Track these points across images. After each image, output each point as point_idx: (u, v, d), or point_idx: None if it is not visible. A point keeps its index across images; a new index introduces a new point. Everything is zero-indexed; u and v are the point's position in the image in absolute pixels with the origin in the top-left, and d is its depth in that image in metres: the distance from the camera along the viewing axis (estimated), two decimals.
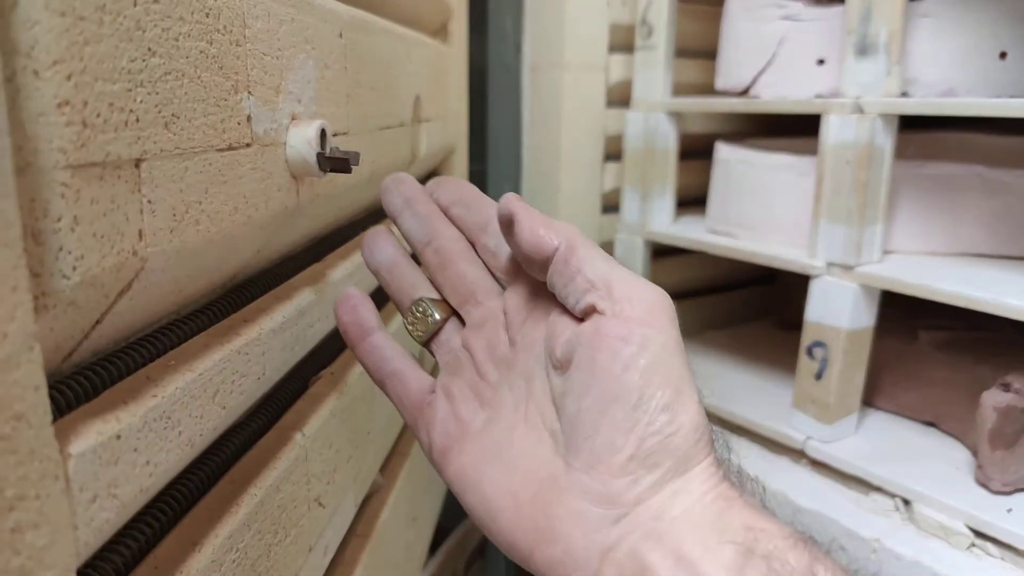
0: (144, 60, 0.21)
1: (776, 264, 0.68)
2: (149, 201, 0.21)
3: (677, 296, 1.07)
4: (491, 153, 0.96)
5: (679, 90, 0.81)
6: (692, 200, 0.87)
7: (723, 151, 0.77)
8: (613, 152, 0.89)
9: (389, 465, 0.48)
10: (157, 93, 0.22)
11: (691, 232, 0.78)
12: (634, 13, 0.81)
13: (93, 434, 0.19)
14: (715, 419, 0.77)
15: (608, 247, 0.89)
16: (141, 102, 0.21)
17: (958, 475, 0.61)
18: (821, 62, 0.67)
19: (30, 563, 0.17)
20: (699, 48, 0.86)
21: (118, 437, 0.20)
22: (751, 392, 0.78)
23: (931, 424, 0.70)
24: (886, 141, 0.60)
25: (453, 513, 0.85)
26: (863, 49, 0.60)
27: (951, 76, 0.62)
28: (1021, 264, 0.64)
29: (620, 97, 0.87)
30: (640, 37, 0.78)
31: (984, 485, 0.58)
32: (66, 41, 0.18)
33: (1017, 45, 0.61)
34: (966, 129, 0.70)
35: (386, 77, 0.43)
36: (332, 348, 0.39)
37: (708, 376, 0.83)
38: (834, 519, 0.60)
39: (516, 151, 0.91)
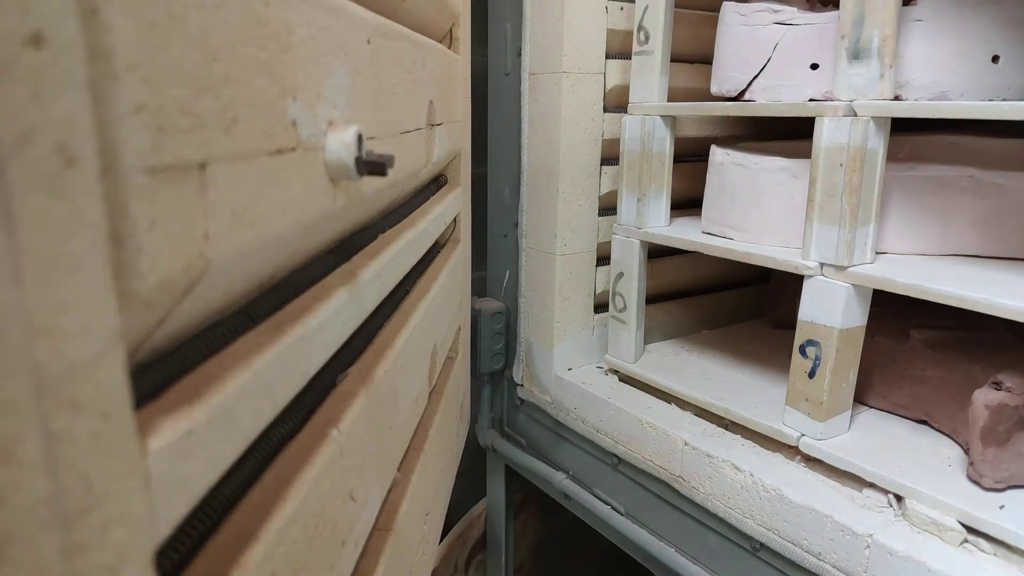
0: (207, 66, 0.21)
1: (770, 265, 0.70)
2: (213, 203, 0.22)
3: (672, 296, 1.07)
4: (491, 156, 0.97)
5: (675, 95, 0.82)
6: (687, 202, 0.89)
7: (718, 154, 0.78)
8: (610, 155, 0.90)
9: (406, 460, 0.48)
10: (219, 98, 0.22)
11: (686, 233, 0.79)
12: (631, 19, 0.82)
13: (168, 431, 0.19)
14: (710, 416, 0.78)
15: (605, 248, 0.90)
16: (206, 107, 0.21)
17: (950, 472, 0.62)
18: (815, 66, 0.69)
19: (114, 558, 0.17)
20: (695, 53, 0.87)
21: (190, 433, 0.20)
22: (745, 390, 0.80)
23: (923, 422, 0.72)
24: (878, 144, 0.62)
25: (454, 508, 0.85)
26: (856, 53, 0.61)
27: (943, 79, 0.63)
28: (1011, 264, 0.66)
29: (617, 101, 0.88)
30: (637, 43, 0.79)
31: (976, 482, 0.60)
32: (141, 46, 0.19)
33: (1009, 49, 0.63)
34: (958, 132, 0.72)
35: (406, 82, 0.43)
36: (358, 345, 0.40)
37: (703, 374, 0.85)
38: (827, 515, 0.61)
39: (516, 154, 0.92)
